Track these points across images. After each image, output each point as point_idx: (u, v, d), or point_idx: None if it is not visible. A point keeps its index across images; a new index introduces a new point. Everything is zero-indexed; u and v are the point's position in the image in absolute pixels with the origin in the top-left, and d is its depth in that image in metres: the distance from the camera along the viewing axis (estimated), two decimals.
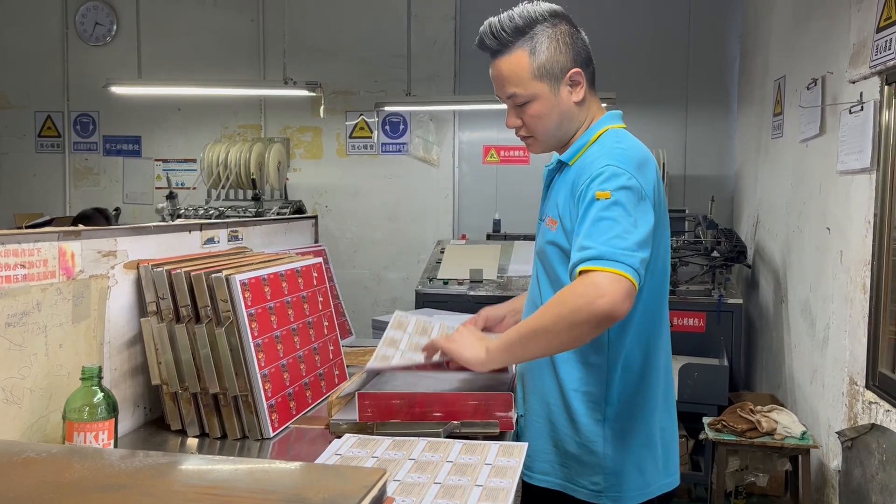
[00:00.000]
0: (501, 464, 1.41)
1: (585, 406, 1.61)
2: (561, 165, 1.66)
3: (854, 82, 2.65)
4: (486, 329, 1.84)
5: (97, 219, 4.45)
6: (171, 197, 4.91)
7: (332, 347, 2.05)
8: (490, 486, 1.32)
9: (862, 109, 2.56)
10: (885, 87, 2.43)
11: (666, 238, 1.64)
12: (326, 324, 2.03)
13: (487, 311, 1.87)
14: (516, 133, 1.68)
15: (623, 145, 1.57)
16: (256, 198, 4.79)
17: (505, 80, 1.59)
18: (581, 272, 1.41)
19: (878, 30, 2.44)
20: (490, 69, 1.63)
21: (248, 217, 4.31)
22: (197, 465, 1.03)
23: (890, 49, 2.34)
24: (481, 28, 1.60)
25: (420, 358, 1.70)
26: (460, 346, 1.59)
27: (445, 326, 1.92)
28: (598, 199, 1.46)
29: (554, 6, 1.60)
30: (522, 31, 1.56)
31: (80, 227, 1.55)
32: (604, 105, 1.75)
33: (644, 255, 1.43)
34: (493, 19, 1.59)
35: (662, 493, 1.67)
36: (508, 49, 1.57)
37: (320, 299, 2.02)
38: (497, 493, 1.29)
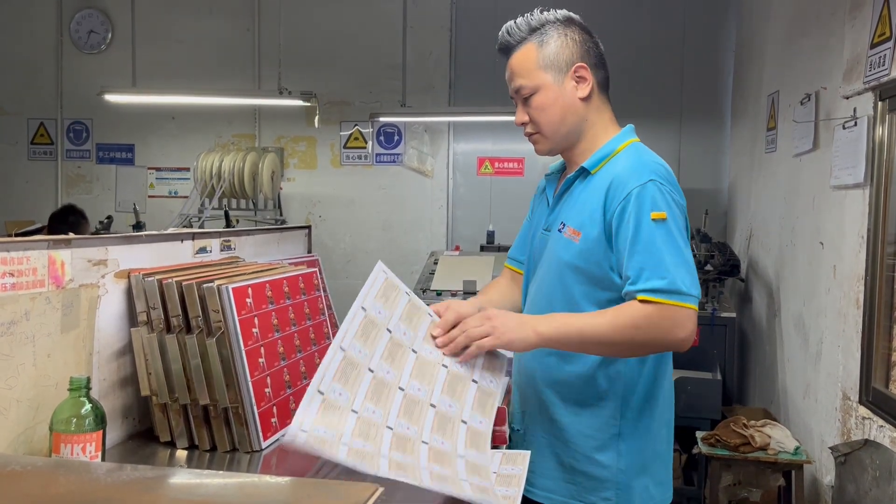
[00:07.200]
0: (506, 472, 1.39)
1: (599, 420, 1.58)
2: (583, 173, 1.63)
3: (848, 98, 2.66)
4: None
5: (70, 216, 4.40)
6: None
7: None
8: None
9: (855, 125, 2.56)
10: (879, 103, 2.43)
11: None
12: (320, 334, 2.01)
13: (457, 307, 1.59)
14: (524, 132, 1.68)
15: (657, 161, 1.60)
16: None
17: (514, 73, 1.64)
18: (655, 302, 1.43)
19: (872, 46, 2.45)
20: (505, 72, 1.67)
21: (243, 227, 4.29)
22: (185, 479, 1.01)
23: (884, 65, 2.35)
24: (500, 31, 1.67)
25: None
26: (502, 330, 1.49)
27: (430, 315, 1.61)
28: (654, 220, 1.48)
29: (569, 13, 1.66)
30: (534, 28, 1.63)
31: (71, 235, 1.53)
32: None
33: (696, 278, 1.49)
34: (511, 21, 1.65)
35: None
36: (520, 44, 1.63)
37: (310, 309, 2.01)
38: (503, 501, 1.28)
